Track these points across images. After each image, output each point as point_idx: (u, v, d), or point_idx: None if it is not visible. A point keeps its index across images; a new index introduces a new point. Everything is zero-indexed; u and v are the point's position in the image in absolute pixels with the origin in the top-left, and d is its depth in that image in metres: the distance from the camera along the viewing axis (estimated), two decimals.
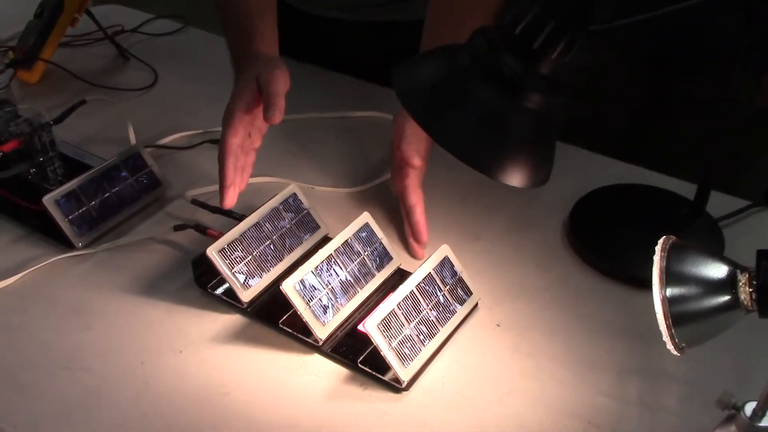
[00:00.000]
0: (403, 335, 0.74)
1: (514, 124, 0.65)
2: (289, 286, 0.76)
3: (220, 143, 0.84)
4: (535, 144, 0.66)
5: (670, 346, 0.60)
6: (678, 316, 0.58)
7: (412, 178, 0.90)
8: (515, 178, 0.65)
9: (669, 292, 0.58)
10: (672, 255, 0.59)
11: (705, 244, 0.88)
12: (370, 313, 0.80)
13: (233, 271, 0.80)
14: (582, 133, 1.06)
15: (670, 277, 0.58)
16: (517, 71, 0.63)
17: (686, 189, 0.96)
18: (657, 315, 0.59)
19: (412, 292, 0.76)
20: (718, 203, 0.92)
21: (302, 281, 0.77)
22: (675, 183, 0.99)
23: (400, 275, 0.85)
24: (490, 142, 0.65)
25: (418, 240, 0.89)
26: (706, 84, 1.10)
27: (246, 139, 0.87)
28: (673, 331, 0.58)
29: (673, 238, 0.61)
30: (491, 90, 0.64)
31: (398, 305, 0.74)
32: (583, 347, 0.78)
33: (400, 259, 0.86)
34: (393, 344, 0.72)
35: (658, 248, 0.60)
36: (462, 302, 0.80)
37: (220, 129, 0.86)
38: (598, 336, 0.79)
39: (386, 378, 0.74)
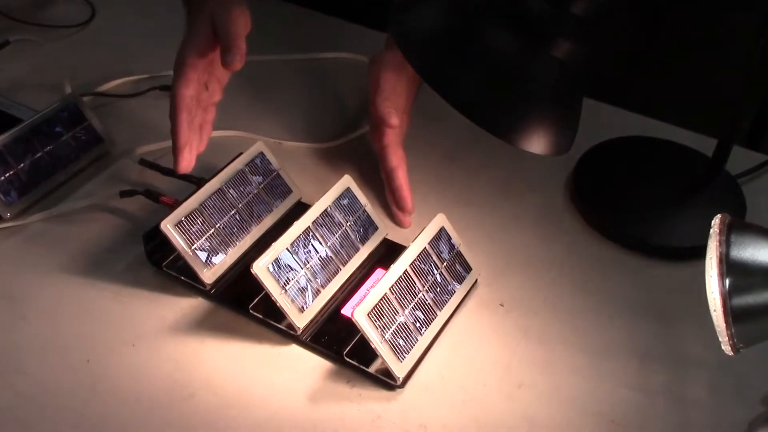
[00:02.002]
0: (397, 324, 0.63)
1: (537, 77, 0.54)
2: (261, 268, 0.64)
3: (171, 97, 0.70)
4: (561, 102, 0.55)
5: (726, 347, 0.50)
6: (740, 313, 0.48)
7: (390, 137, 0.78)
8: (537, 144, 0.54)
9: (730, 284, 0.48)
10: (731, 239, 0.49)
11: (726, 205, 0.79)
12: (354, 293, 0.70)
13: (193, 247, 0.68)
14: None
15: (731, 266, 0.48)
16: (545, 11, 0.51)
17: (696, 140, 0.86)
18: (713, 312, 0.49)
19: (405, 272, 0.65)
20: (731, 156, 0.82)
21: (276, 261, 0.65)
22: (683, 134, 0.89)
23: (387, 247, 0.74)
24: (509, 100, 0.54)
25: (401, 208, 0.77)
26: (719, 20, 0.97)
27: (202, 92, 0.73)
28: (732, 330, 0.49)
29: (729, 216, 0.51)
30: (511, 35, 0.52)
31: (390, 289, 0.63)
32: (599, 329, 0.69)
33: (386, 228, 0.75)
34: (387, 336, 0.62)
35: (714, 231, 0.50)
36: (461, 280, 0.70)
37: (171, 73, 0.73)
38: (615, 315, 0.70)
39: (378, 374, 0.63)
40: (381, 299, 0.62)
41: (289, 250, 0.66)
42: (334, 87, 0.96)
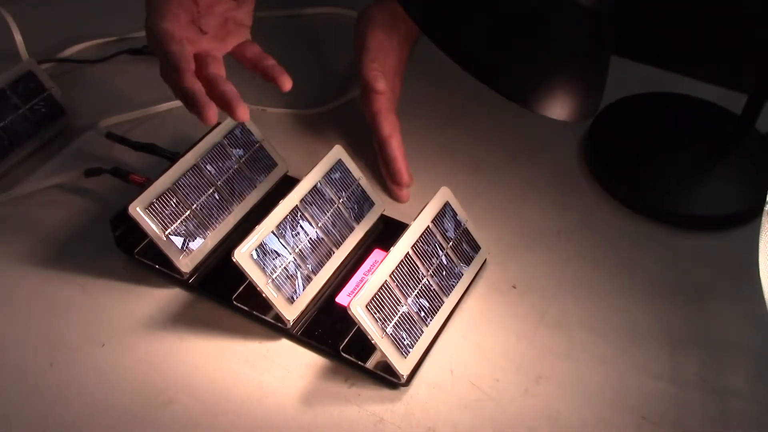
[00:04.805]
0: (399, 315, 0.56)
1: (558, 29, 0.45)
2: (243, 255, 0.56)
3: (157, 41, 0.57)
4: (586, 59, 0.47)
5: None
6: None
7: (380, 103, 0.70)
8: (558, 109, 0.46)
9: None
10: None
11: (758, 168, 0.71)
12: (350, 277, 0.63)
13: (167, 232, 0.61)
14: None
15: None
16: None
17: (722, 96, 0.78)
18: None
19: (407, 255, 0.58)
20: (762, 113, 0.74)
21: (261, 246, 0.58)
22: (708, 89, 0.81)
23: (385, 224, 0.67)
24: (525, 57, 0.46)
25: (397, 181, 0.69)
26: None
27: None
28: None
29: None
30: None
31: (391, 275, 0.56)
32: (623, 311, 0.62)
33: (384, 203, 0.67)
34: (388, 329, 0.55)
35: None
36: (469, 261, 0.62)
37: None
38: (640, 295, 0.63)
39: (379, 371, 0.56)
40: (380, 288, 0.55)
41: (275, 234, 0.59)
42: (321, 46, 0.88)
